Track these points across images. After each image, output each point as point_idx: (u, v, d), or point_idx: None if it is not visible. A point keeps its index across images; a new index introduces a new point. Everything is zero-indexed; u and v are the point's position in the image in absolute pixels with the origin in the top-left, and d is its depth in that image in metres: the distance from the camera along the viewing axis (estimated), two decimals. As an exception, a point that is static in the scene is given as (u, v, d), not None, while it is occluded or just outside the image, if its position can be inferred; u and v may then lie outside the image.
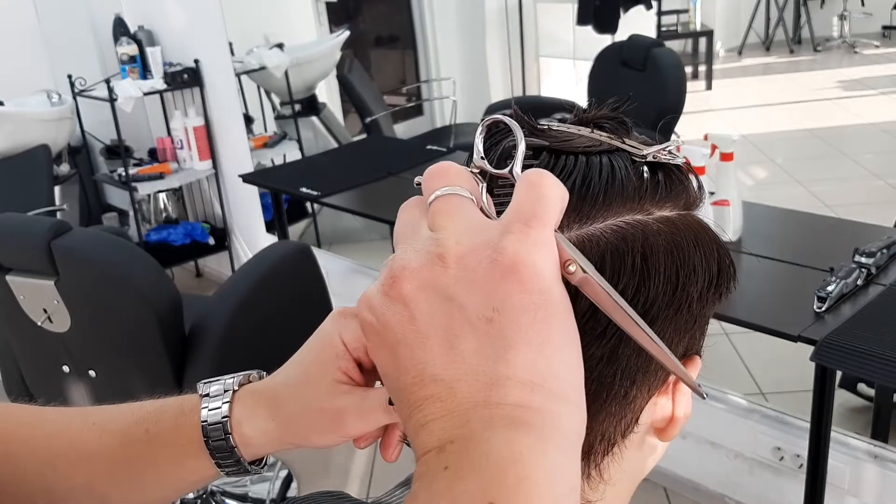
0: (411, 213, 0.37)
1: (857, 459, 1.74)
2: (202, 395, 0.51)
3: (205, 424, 0.50)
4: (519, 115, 0.43)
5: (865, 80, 5.50)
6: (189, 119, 3.25)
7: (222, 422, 0.50)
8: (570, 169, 0.40)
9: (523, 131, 0.42)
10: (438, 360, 0.33)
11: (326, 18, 3.69)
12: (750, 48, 6.47)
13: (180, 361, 1.80)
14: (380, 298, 0.35)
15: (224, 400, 0.50)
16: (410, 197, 0.39)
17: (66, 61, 3.38)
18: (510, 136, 0.42)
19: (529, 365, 0.32)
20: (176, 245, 3.41)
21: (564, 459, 0.32)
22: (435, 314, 0.33)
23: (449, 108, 3.81)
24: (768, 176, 4.11)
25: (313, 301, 2.05)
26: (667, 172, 0.41)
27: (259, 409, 0.50)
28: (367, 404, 0.46)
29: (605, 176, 0.40)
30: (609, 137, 0.42)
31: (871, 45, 6.14)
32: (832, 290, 1.47)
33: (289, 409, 0.49)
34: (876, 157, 4.29)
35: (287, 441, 0.50)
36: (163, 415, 0.52)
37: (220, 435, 0.49)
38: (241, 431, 0.50)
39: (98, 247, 1.74)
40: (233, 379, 0.52)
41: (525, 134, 0.42)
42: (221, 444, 0.50)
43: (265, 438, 0.50)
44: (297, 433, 0.49)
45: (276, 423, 0.49)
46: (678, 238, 0.40)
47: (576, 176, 0.39)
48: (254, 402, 0.50)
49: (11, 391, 2.05)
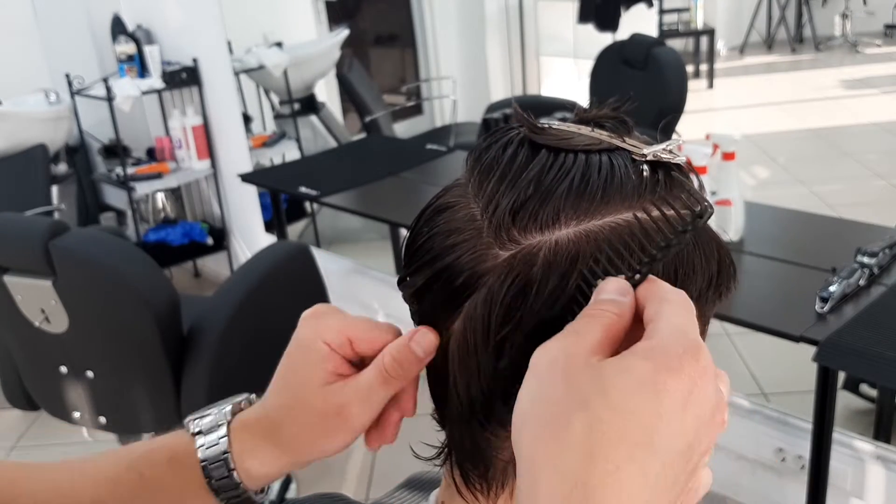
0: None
1: (860, 460, 1.73)
2: (194, 433, 0.49)
3: (205, 464, 0.48)
4: (519, 113, 0.43)
5: (868, 80, 5.49)
6: (187, 118, 3.24)
7: (223, 458, 0.48)
8: (570, 167, 0.40)
9: (523, 129, 0.42)
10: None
11: (326, 17, 3.68)
12: (752, 47, 6.46)
13: (179, 362, 1.80)
14: (696, 350, 0.34)
15: (220, 435, 0.48)
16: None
17: (63, 60, 3.37)
18: (508, 133, 0.43)
19: None
20: (174, 245, 3.40)
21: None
22: (704, 412, 0.34)
23: (449, 107, 3.79)
24: (770, 175, 4.10)
25: (312, 301, 2.02)
26: (667, 171, 0.41)
27: (259, 440, 0.48)
28: (363, 385, 0.46)
29: (605, 174, 0.40)
30: (609, 136, 0.42)
31: (874, 44, 6.12)
32: (834, 290, 1.46)
33: (291, 431, 0.47)
34: (878, 156, 4.28)
35: (298, 461, 0.48)
36: (154, 456, 0.50)
37: (224, 473, 0.47)
38: (245, 466, 0.48)
39: (96, 247, 1.73)
40: (223, 409, 0.50)
41: (524, 132, 0.42)
42: (225, 483, 0.48)
43: (272, 467, 0.48)
44: (306, 449, 0.47)
45: (282, 448, 0.48)
46: None
47: (575, 173, 0.39)
48: (251, 436, 0.48)
49: (9, 392, 2.04)
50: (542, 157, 0.41)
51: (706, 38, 5.41)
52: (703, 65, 5.48)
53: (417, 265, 0.43)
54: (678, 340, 0.34)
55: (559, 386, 0.33)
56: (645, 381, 0.32)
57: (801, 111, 5.03)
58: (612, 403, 0.32)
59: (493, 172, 0.41)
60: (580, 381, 0.33)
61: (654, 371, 0.32)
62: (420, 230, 0.44)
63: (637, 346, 0.34)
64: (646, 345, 0.34)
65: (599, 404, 0.32)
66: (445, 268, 0.41)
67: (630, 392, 0.32)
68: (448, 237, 0.42)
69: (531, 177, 0.40)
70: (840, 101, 5.16)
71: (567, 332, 0.35)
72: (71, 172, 3.28)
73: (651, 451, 0.31)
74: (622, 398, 0.32)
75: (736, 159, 1.80)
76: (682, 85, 2.96)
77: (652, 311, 0.36)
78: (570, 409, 0.32)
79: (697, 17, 5.39)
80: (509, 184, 0.40)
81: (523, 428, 0.34)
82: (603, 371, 0.33)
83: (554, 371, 0.34)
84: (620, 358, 0.33)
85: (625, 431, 0.31)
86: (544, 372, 0.34)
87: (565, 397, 0.33)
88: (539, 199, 0.39)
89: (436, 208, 0.44)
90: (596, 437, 0.31)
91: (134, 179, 3.23)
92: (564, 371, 0.33)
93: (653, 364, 0.32)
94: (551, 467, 0.32)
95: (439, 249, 0.42)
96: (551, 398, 0.33)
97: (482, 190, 0.41)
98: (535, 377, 0.35)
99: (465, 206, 0.42)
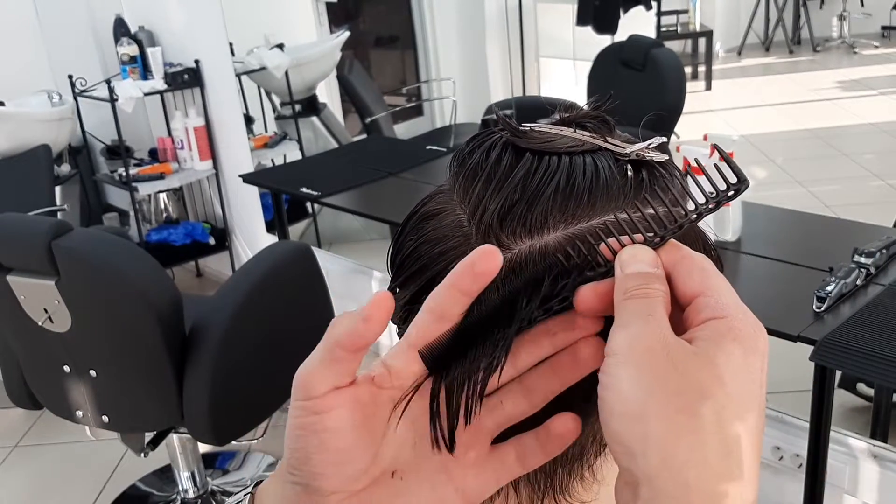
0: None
1: (857, 459, 1.74)
2: None
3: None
4: (500, 116, 0.43)
5: (865, 81, 5.50)
6: (189, 119, 3.25)
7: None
8: (554, 169, 0.40)
9: (505, 133, 0.42)
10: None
11: (326, 19, 3.69)
12: (749, 48, 6.48)
13: (181, 361, 1.81)
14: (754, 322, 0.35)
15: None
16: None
17: (66, 61, 3.38)
18: (491, 137, 0.43)
19: None
20: (176, 245, 3.41)
21: None
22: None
23: (449, 108, 3.81)
24: (768, 176, 4.11)
25: (313, 301, 2.06)
26: (650, 170, 0.41)
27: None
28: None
29: (589, 175, 0.40)
30: (592, 137, 0.42)
31: (871, 45, 6.14)
32: (831, 289, 1.47)
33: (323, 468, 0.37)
34: (875, 157, 4.29)
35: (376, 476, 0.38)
36: None
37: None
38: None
39: (99, 247, 1.74)
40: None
41: (507, 136, 0.42)
42: None
43: None
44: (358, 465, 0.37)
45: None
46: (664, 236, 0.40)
47: (560, 176, 0.39)
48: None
49: (12, 391, 2.05)
50: (527, 161, 0.40)
51: (704, 40, 5.43)
52: (701, 66, 5.49)
53: (406, 276, 0.42)
54: (747, 318, 0.35)
55: (673, 376, 0.33)
56: (742, 364, 0.34)
57: (799, 112, 5.04)
58: (728, 389, 0.33)
59: (478, 177, 0.41)
60: (693, 369, 0.33)
61: (745, 354, 0.34)
62: (406, 239, 0.43)
63: (719, 326, 0.34)
64: (724, 325, 0.34)
65: (719, 392, 0.33)
66: (435, 277, 0.40)
67: (737, 376, 0.34)
68: (436, 245, 0.41)
69: (517, 180, 0.40)
70: (837, 102, 5.18)
71: (640, 315, 0.35)
72: (74, 173, 3.29)
73: (759, 424, 0.34)
74: (734, 383, 0.33)
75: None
76: (681, 86, 2.98)
77: (697, 282, 0.36)
78: (694, 400, 0.33)
79: (696, 19, 5.41)
80: (495, 188, 0.40)
81: (643, 422, 0.33)
82: (711, 358, 0.34)
83: (657, 360, 0.33)
84: (717, 343, 0.34)
85: (741, 413, 0.33)
86: (647, 362, 0.33)
87: (686, 387, 0.33)
88: (526, 203, 0.39)
89: (421, 216, 0.43)
90: (724, 424, 0.33)
91: (136, 180, 3.24)
92: (672, 360, 0.33)
93: (742, 347, 0.34)
94: (697, 462, 0.32)
95: (428, 259, 0.41)
96: (670, 389, 0.33)
97: (468, 195, 0.41)
98: (635, 367, 0.33)
99: (451, 213, 0.42)
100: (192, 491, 2.31)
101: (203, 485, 2.33)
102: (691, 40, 5.50)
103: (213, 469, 2.52)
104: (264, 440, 2.25)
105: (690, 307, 0.36)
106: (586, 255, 0.38)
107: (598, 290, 0.37)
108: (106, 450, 2.55)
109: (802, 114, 5.00)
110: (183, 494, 2.31)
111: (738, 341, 0.34)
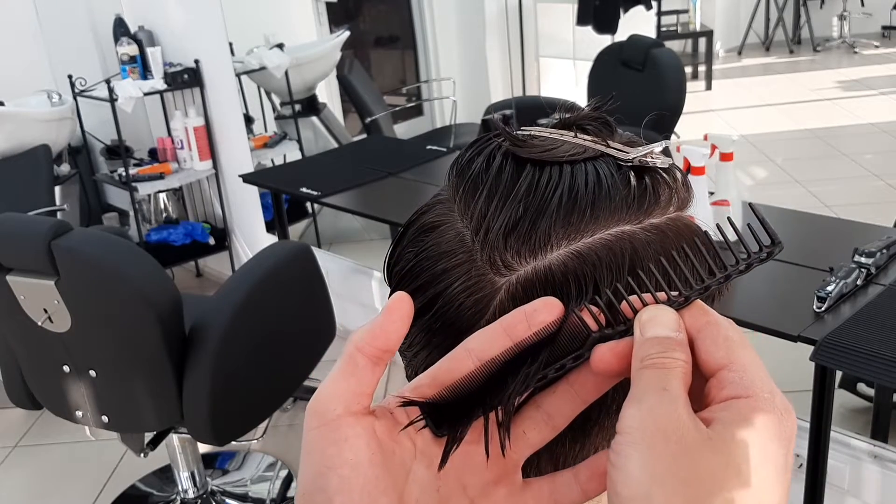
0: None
1: (857, 459, 1.74)
2: None
3: None
4: (498, 123, 0.42)
5: (865, 81, 5.50)
6: (189, 119, 3.25)
7: None
8: (556, 182, 0.39)
9: (505, 143, 0.41)
10: None
11: (326, 18, 3.69)
12: (750, 48, 6.48)
13: (181, 361, 1.80)
14: (786, 409, 0.33)
15: None
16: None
17: (66, 61, 3.38)
18: (489, 145, 0.42)
19: None
20: (176, 245, 3.42)
21: None
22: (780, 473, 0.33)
23: (449, 108, 3.81)
24: (768, 176, 4.11)
25: (314, 301, 2.06)
26: (653, 176, 0.40)
27: None
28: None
29: (592, 186, 0.39)
30: (593, 141, 0.41)
31: (871, 45, 6.14)
32: (832, 289, 1.47)
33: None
34: (875, 157, 4.29)
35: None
36: None
37: None
38: None
39: (98, 247, 1.74)
40: None
41: (507, 145, 0.41)
42: None
43: None
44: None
45: None
46: (667, 246, 0.39)
47: (562, 188, 0.38)
48: None
49: (12, 391, 2.05)
50: (529, 173, 0.39)
51: (704, 40, 5.43)
52: (702, 66, 5.49)
53: (407, 293, 0.40)
54: (774, 399, 0.33)
55: (684, 463, 0.31)
56: (762, 452, 0.32)
57: (799, 112, 5.04)
58: (744, 480, 0.31)
59: (479, 191, 0.40)
60: (707, 457, 0.31)
61: (767, 440, 0.32)
62: (405, 251, 0.42)
63: (742, 407, 0.32)
64: (747, 406, 0.32)
65: (734, 482, 0.31)
66: (438, 295, 0.39)
67: (756, 466, 0.31)
68: (438, 261, 0.40)
69: (520, 196, 0.38)
70: (838, 101, 5.18)
71: (655, 389, 0.32)
72: (74, 173, 3.29)
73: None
74: (751, 474, 0.31)
75: (734, 160, 1.81)
76: (681, 86, 2.98)
77: (723, 353, 0.33)
78: (705, 492, 0.31)
79: (696, 19, 5.41)
80: (498, 204, 0.39)
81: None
82: (728, 445, 0.31)
83: (669, 443, 0.31)
84: (737, 427, 0.32)
85: (757, 501, 0.31)
86: (657, 444, 0.31)
87: (697, 477, 0.31)
88: (530, 221, 0.38)
89: (420, 227, 0.42)
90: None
91: (136, 180, 3.24)
92: (684, 445, 0.31)
93: (765, 433, 0.32)
94: None
95: (430, 276, 0.40)
96: (679, 478, 0.31)
97: (469, 209, 0.40)
98: (645, 449, 0.31)
99: (452, 226, 0.40)
100: (191, 491, 2.31)
101: (203, 485, 2.33)
102: (691, 40, 5.50)
103: (212, 469, 2.52)
104: (264, 440, 2.26)
105: (713, 380, 0.33)
106: (607, 316, 0.35)
107: (617, 350, 0.34)
108: (106, 450, 2.55)
109: (802, 114, 5.00)
110: (183, 494, 2.32)
111: (760, 426, 0.32)
